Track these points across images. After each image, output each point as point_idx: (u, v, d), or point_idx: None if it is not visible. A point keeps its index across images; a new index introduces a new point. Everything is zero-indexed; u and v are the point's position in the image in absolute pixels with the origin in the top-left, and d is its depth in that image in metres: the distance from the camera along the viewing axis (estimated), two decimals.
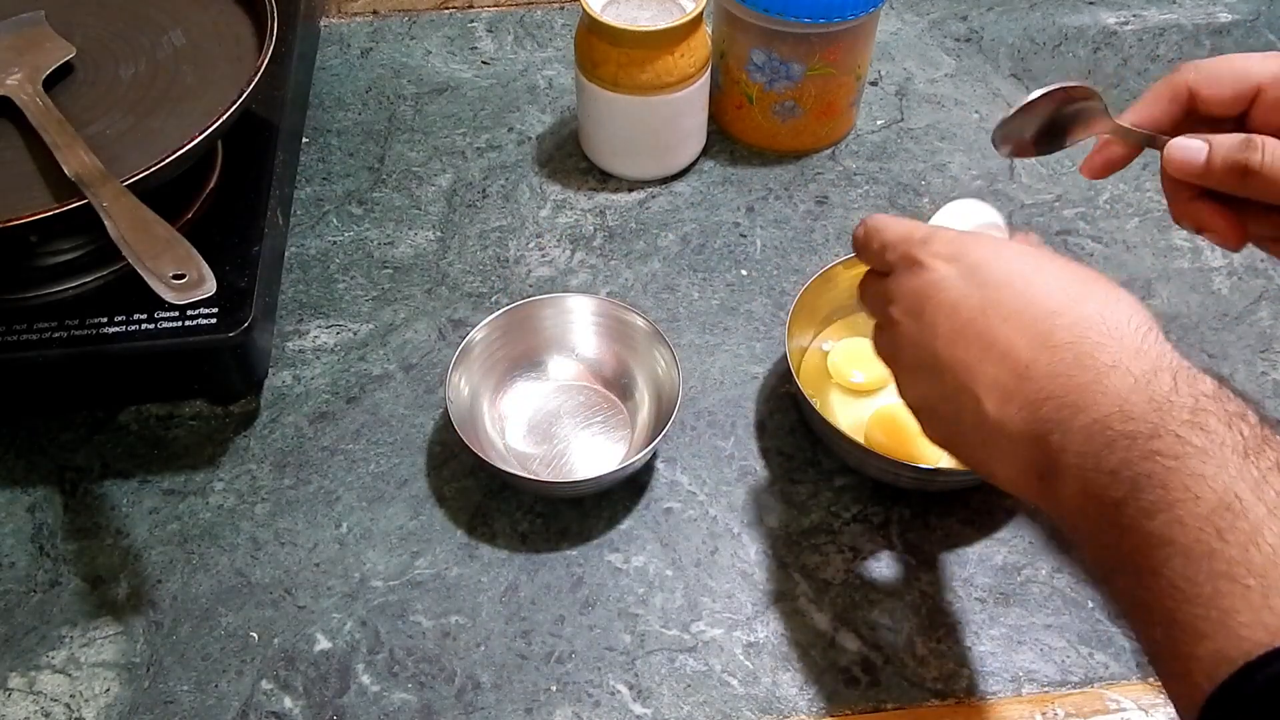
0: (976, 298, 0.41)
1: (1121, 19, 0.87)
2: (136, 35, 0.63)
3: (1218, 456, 0.34)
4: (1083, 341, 0.38)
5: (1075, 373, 0.38)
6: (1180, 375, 0.37)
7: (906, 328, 0.43)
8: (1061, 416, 0.38)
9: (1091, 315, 0.39)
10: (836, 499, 0.59)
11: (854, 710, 0.51)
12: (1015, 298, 0.40)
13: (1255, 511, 0.32)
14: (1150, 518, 0.34)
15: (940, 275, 0.42)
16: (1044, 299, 0.40)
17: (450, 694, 0.52)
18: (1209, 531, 0.33)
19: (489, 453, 0.57)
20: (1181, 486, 0.34)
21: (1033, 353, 0.39)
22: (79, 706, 0.52)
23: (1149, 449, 0.35)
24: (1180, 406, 0.35)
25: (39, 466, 0.60)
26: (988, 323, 0.40)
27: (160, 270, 0.46)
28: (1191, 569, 0.33)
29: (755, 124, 0.75)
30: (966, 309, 0.41)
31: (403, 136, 0.78)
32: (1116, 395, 0.37)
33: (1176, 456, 0.34)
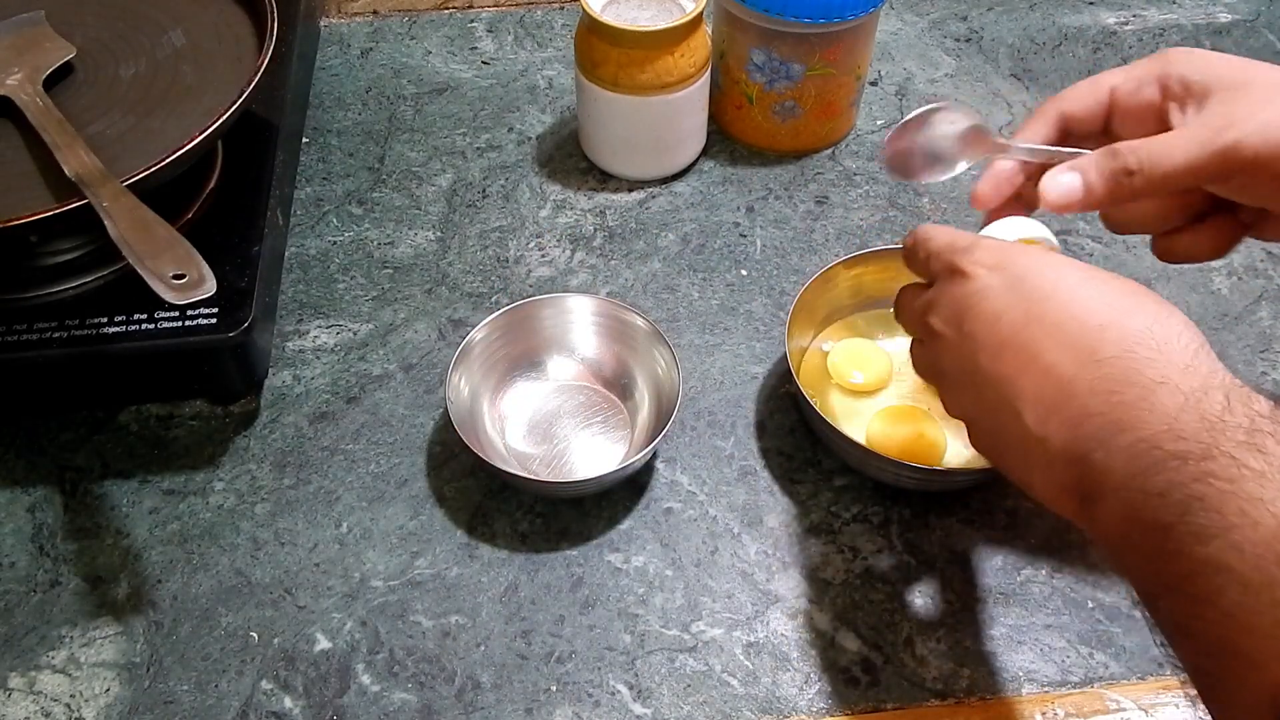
0: (1020, 309, 0.40)
1: (1121, 19, 0.87)
2: (136, 35, 0.63)
3: (1276, 480, 0.32)
4: (1129, 357, 0.37)
5: (1121, 389, 0.37)
6: (1233, 394, 0.35)
7: (948, 339, 0.42)
8: (1105, 435, 0.36)
9: (1139, 330, 0.38)
10: (836, 499, 0.59)
11: (854, 710, 0.51)
12: (1060, 310, 0.39)
13: None
14: (1203, 543, 0.33)
15: (983, 284, 0.41)
16: (1090, 313, 0.39)
17: (450, 694, 0.52)
18: (1269, 559, 0.31)
19: (489, 453, 0.57)
20: (1238, 511, 0.32)
21: (1077, 367, 0.38)
22: (79, 706, 0.52)
23: (1201, 470, 0.34)
24: (1235, 426, 0.34)
25: (39, 466, 0.60)
26: (1031, 335, 0.39)
27: (160, 270, 0.46)
28: (1250, 598, 0.31)
29: (755, 124, 0.75)
30: (1009, 321, 0.40)
31: (403, 136, 0.78)
32: (1165, 413, 0.35)
33: (1232, 480, 0.33)
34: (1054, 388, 0.38)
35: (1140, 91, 0.46)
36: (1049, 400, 0.38)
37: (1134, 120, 0.47)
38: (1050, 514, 0.57)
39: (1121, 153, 0.44)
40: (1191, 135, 0.43)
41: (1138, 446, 0.35)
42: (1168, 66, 0.46)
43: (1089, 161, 0.45)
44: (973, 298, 0.41)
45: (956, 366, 0.42)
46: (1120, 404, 0.36)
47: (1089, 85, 0.48)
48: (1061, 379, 0.38)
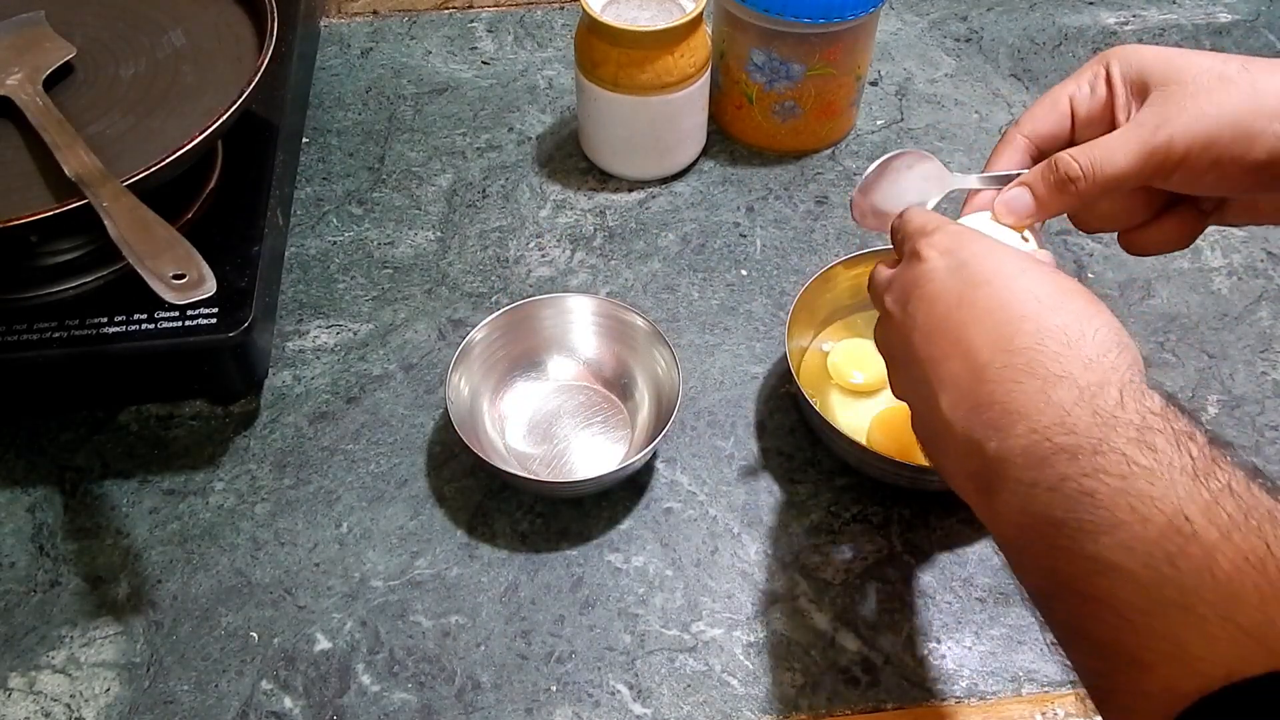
0: (955, 293, 0.40)
1: (1121, 19, 0.87)
2: (136, 35, 0.63)
3: (1166, 477, 0.32)
4: (1038, 349, 0.37)
5: (1023, 379, 0.37)
6: (1128, 390, 0.35)
7: (896, 318, 0.43)
8: (1003, 424, 0.36)
9: (1057, 325, 0.38)
10: (836, 499, 0.59)
11: (854, 710, 0.51)
12: (990, 297, 0.40)
13: (1207, 535, 0.30)
14: (1093, 540, 0.32)
15: (931, 267, 0.42)
16: (1017, 303, 0.39)
17: (450, 694, 0.52)
18: (1158, 557, 0.31)
19: (489, 453, 0.57)
20: (1128, 508, 0.32)
21: (990, 354, 0.38)
22: (79, 706, 0.52)
23: (1092, 465, 0.33)
24: (1126, 423, 0.34)
25: (39, 466, 0.60)
26: (960, 319, 0.40)
27: (160, 270, 0.46)
28: (1139, 597, 0.31)
29: (755, 124, 0.75)
30: (944, 303, 0.41)
31: (403, 136, 0.78)
32: (1060, 407, 0.35)
33: (1122, 476, 0.33)
34: (967, 373, 0.38)
35: (1093, 95, 0.47)
36: (962, 385, 0.39)
37: (1093, 125, 0.47)
38: None
39: (1064, 162, 0.45)
40: (1128, 138, 0.44)
41: (1031, 438, 0.35)
42: (1111, 65, 0.47)
43: (1035, 175, 0.46)
44: (920, 279, 0.42)
45: (899, 346, 0.43)
46: (1020, 394, 0.37)
47: (1048, 104, 0.49)
48: (976, 365, 0.38)
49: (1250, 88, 0.43)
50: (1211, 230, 0.72)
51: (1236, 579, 0.30)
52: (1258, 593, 0.29)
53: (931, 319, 0.41)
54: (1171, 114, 0.43)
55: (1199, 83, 0.43)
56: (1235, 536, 0.30)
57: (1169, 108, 0.43)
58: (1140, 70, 0.46)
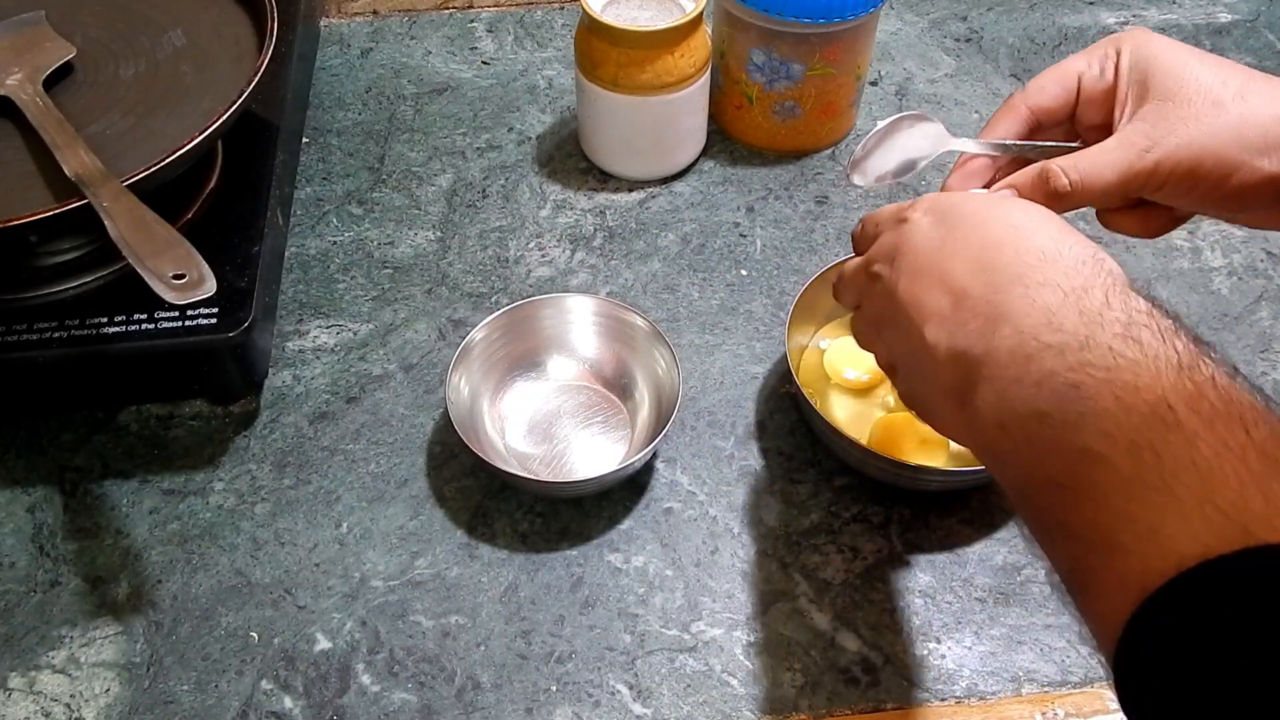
0: (939, 238, 0.42)
1: (1121, 19, 0.87)
2: (136, 35, 0.63)
3: (1151, 369, 0.33)
4: (1018, 264, 0.38)
5: (1005, 289, 0.38)
6: (1112, 292, 0.36)
7: (884, 279, 0.44)
8: (987, 330, 0.38)
9: (1035, 246, 0.39)
10: (836, 499, 0.59)
11: (854, 710, 0.51)
12: (969, 233, 0.41)
13: (1190, 424, 0.31)
14: (1076, 431, 0.33)
15: (915, 225, 0.43)
16: (994, 233, 0.40)
17: (450, 694, 0.52)
18: (1141, 445, 0.32)
19: (489, 453, 0.57)
20: (1112, 398, 0.33)
21: (970, 278, 0.39)
22: (79, 706, 0.52)
23: (1079, 360, 0.34)
24: (1112, 320, 0.35)
25: (39, 466, 0.60)
26: (942, 257, 0.41)
27: (160, 270, 0.46)
28: (1120, 484, 0.32)
29: (755, 124, 0.75)
30: (927, 250, 0.42)
31: (403, 136, 0.78)
32: (1045, 309, 0.36)
33: (1108, 368, 0.34)
34: (949, 300, 0.40)
35: (1101, 77, 0.48)
36: (944, 312, 0.40)
37: (1093, 106, 0.49)
38: None
39: (1054, 175, 0.46)
40: (1117, 157, 0.45)
41: (1016, 338, 0.36)
42: (1122, 52, 0.48)
43: (1025, 181, 0.47)
44: (906, 235, 0.43)
45: (886, 303, 0.43)
46: (1003, 302, 0.38)
47: (1057, 78, 0.50)
48: (957, 290, 0.39)
49: (1239, 119, 0.44)
50: (1211, 230, 0.72)
51: (1216, 465, 0.30)
52: (1236, 477, 0.30)
53: (915, 265, 0.42)
54: (1161, 136, 0.45)
55: (1193, 106, 0.45)
56: (1217, 425, 0.31)
57: (1159, 129, 0.45)
58: (1146, 69, 0.47)
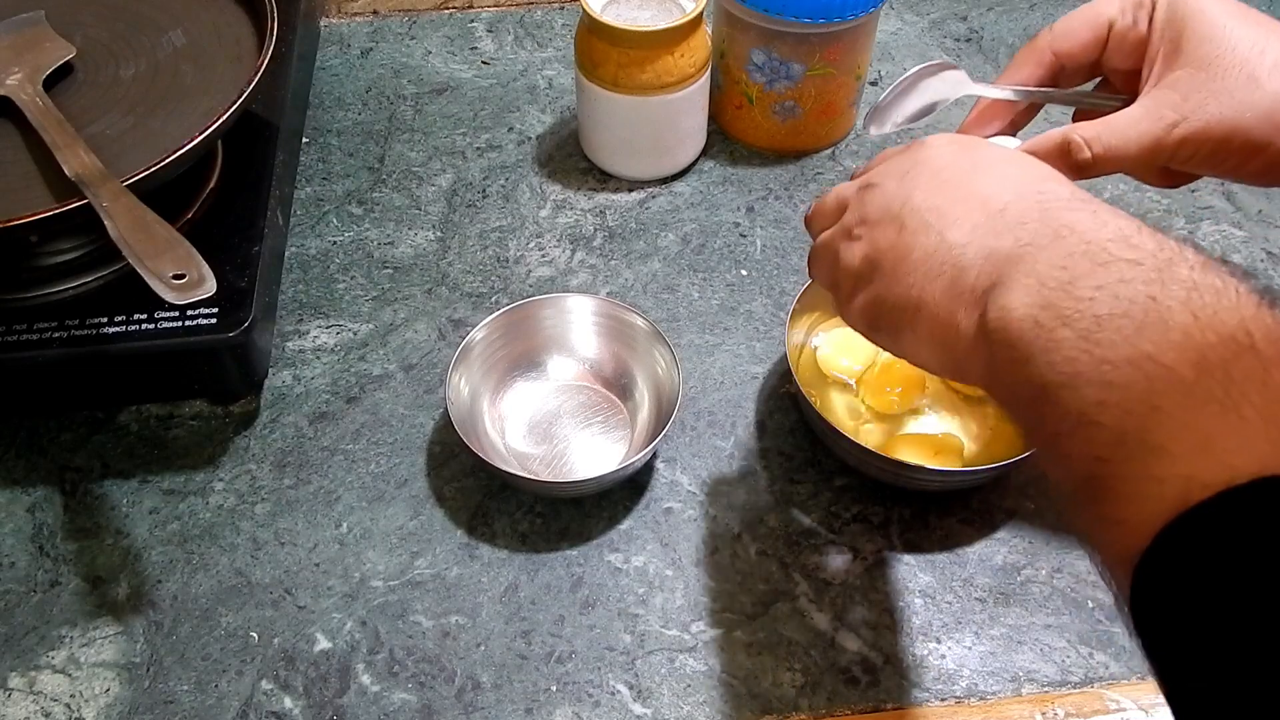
0: (968, 162, 0.40)
1: None
2: (136, 35, 0.63)
3: (1231, 299, 0.32)
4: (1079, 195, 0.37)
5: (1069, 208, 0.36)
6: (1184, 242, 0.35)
7: (884, 188, 0.42)
8: (1041, 234, 0.36)
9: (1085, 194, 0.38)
10: (836, 499, 0.59)
11: (854, 710, 0.51)
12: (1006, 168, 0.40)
13: (1266, 351, 0.30)
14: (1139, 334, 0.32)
15: (935, 148, 0.42)
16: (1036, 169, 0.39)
17: (450, 694, 0.52)
18: (1211, 360, 0.30)
19: (489, 453, 0.57)
20: (1190, 316, 0.31)
21: (1016, 197, 0.38)
22: (79, 706, 0.52)
23: (1158, 277, 0.32)
24: (1190, 256, 0.33)
25: (39, 466, 0.60)
26: (974, 179, 0.39)
27: (160, 270, 0.46)
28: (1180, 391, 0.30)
29: (755, 124, 0.75)
30: (954, 170, 0.41)
31: (403, 136, 0.78)
32: (1119, 228, 0.35)
33: (1189, 289, 0.32)
34: (983, 211, 0.38)
35: (1134, 27, 0.47)
36: (975, 219, 0.38)
37: (1122, 54, 0.48)
38: (1050, 514, 0.58)
39: (1077, 146, 0.45)
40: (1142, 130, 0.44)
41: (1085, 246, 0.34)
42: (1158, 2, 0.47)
43: (1045, 147, 0.46)
44: (923, 153, 0.42)
45: (880, 209, 0.42)
46: (1065, 216, 0.36)
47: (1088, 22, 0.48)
48: (999, 205, 0.38)
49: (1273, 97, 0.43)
50: (1211, 231, 0.72)
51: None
52: None
53: (938, 178, 0.40)
54: (1190, 111, 0.43)
55: (1226, 79, 0.43)
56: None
57: (1190, 102, 0.44)
58: (1181, 26, 0.45)
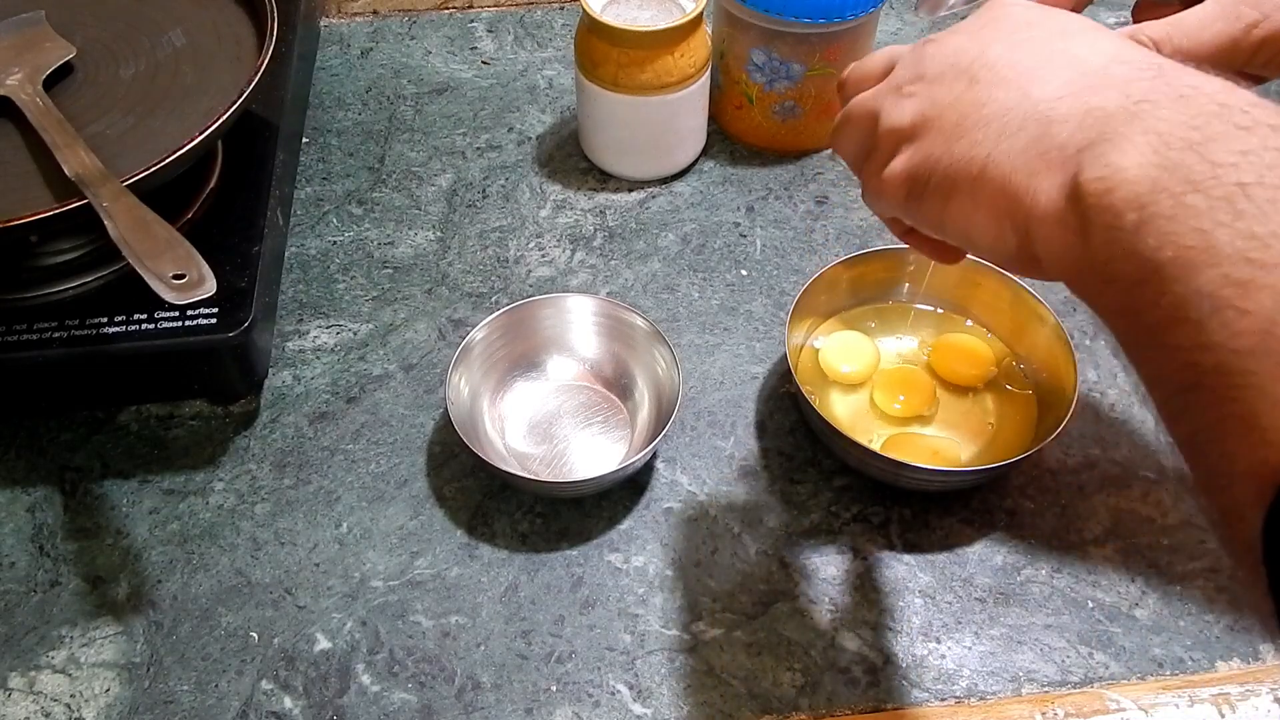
0: (1056, 25, 0.36)
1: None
2: (136, 35, 0.63)
3: None
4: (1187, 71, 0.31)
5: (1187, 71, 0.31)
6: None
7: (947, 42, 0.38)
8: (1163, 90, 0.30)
9: None
10: (836, 499, 0.59)
11: (854, 710, 0.51)
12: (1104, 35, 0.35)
13: None
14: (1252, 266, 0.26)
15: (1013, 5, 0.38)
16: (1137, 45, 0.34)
17: (450, 694, 0.52)
18: None
19: (489, 453, 0.57)
20: None
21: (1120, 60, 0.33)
22: (79, 706, 0.52)
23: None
24: None
25: (39, 466, 0.60)
26: (1067, 41, 0.35)
27: (160, 270, 0.46)
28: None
29: (755, 124, 0.75)
30: (1041, 29, 0.36)
31: (403, 136, 0.78)
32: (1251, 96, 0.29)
33: None
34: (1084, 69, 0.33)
35: None
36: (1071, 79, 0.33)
37: None
38: (1050, 514, 0.58)
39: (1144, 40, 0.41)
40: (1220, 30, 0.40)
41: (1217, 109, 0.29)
42: None
43: None
44: (1000, 9, 0.38)
45: (945, 64, 0.37)
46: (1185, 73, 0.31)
47: None
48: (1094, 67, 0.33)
49: None
50: None
51: None
52: None
53: (1021, 34, 0.36)
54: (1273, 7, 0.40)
55: None
56: None
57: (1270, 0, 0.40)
58: None
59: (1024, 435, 0.59)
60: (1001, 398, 0.61)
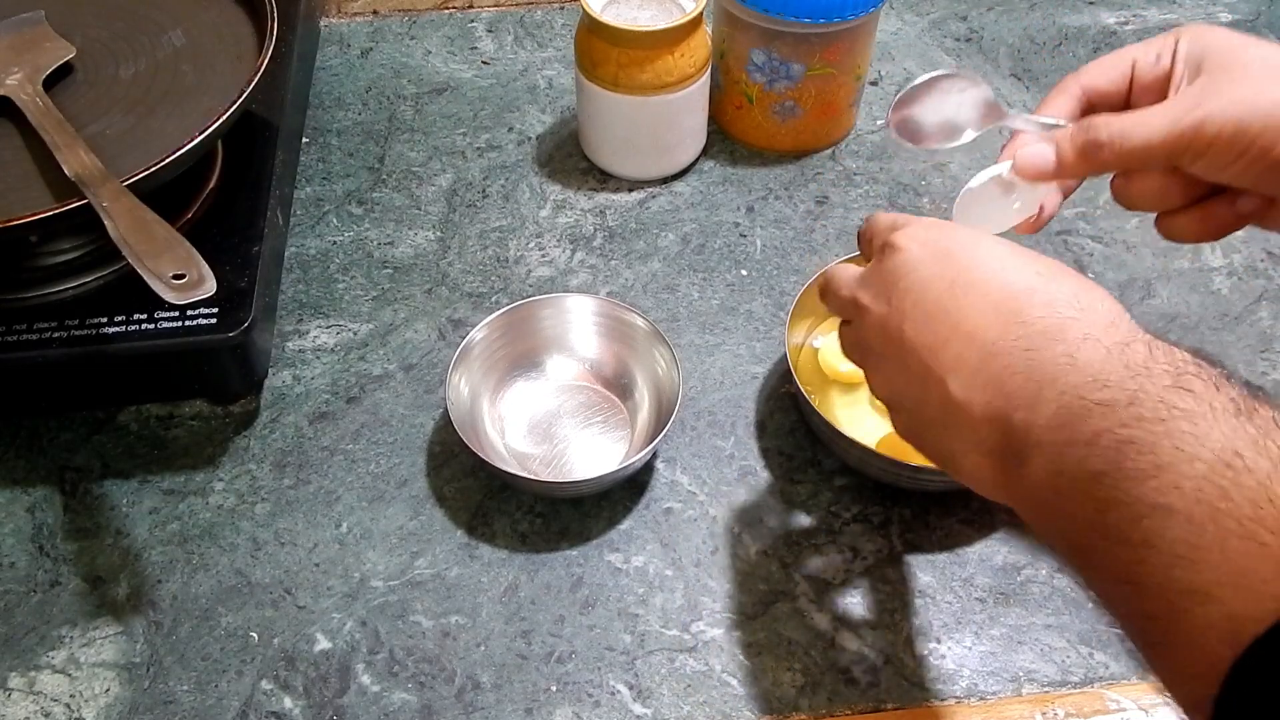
0: (947, 278, 0.40)
1: (1121, 19, 0.87)
2: (136, 35, 0.63)
3: (1208, 417, 0.32)
4: (1053, 316, 0.37)
5: (1045, 345, 0.37)
6: (1155, 346, 0.35)
7: (876, 313, 0.42)
8: (1029, 391, 0.36)
9: (1065, 294, 0.38)
10: (836, 499, 0.59)
11: (854, 710, 0.51)
12: (987, 280, 0.39)
13: (1260, 466, 0.30)
14: (1139, 484, 0.32)
15: (912, 256, 0.42)
16: (1016, 279, 0.39)
17: (450, 694, 0.52)
18: (1210, 492, 0.31)
19: (489, 453, 0.57)
20: (1173, 449, 0.32)
21: (1001, 329, 0.38)
22: (79, 706, 0.52)
23: (1130, 415, 0.33)
24: (1160, 372, 0.34)
25: (39, 466, 0.60)
26: (956, 303, 0.39)
27: (160, 270, 0.46)
28: (1194, 533, 0.31)
29: (755, 124, 0.75)
30: (934, 290, 0.40)
31: (403, 136, 0.78)
32: (1090, 366, 0.35)
33: (1163, 419, 0.32)
34: (978, 352, 0.38)
35: (1157, 64, 0.47)
36: (972, 364, 0.38)
37: (1148, 93, 0.47)
38: None
39: (1095, 126, 0.45)
40: (1164, 113, 0.44)
41: (1063, 399, 0.35)
42: (1180, 41, 0.47)
43: (1065, 134, 0.46)
44: (901, 269, 0.42)
45: (882, 340, 0.42)
46: (1044, 360, 0.36)
47: (1112, 59, 0.49)
48: (985, 342, 0.38)
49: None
50: None
51: None
52: None
53: (922, 306, 0.40)
54: (1209, 97, 0.43)
55: (1248, 70, 0.43)
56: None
57: (1208, 91, 0.43)
58: (1202, 51, 0.45)
59: None
60: None
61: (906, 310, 0.41)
